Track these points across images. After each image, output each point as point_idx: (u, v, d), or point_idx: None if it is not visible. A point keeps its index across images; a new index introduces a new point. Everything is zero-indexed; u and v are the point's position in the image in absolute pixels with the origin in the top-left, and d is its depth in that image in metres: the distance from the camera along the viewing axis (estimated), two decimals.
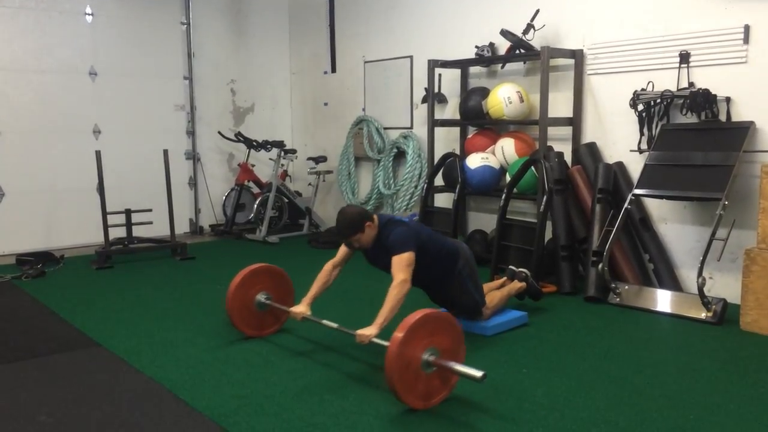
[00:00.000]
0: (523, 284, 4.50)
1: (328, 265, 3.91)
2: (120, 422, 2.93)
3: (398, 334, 2.91)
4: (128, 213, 6.52)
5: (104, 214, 6.29)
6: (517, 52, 5.70)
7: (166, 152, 6.68)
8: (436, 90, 6.50)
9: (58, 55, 6.96)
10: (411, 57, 7.05)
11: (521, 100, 5.66)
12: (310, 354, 3.80)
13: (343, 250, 3.89)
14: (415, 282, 3.70)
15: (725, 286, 4.72)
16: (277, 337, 4.10)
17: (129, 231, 6.54)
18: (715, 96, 4.64)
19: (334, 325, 3.65)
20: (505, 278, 4.60)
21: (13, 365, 3.66)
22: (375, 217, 3.76)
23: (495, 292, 4.32)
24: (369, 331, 3.36)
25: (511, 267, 4.65)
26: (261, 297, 4.05)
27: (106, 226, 6.28)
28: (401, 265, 3.54)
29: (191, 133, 8.00)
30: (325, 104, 8.30)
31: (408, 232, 3.67)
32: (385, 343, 3.05)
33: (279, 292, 4.13)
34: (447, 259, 3.93)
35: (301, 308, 3.80)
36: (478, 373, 2.91)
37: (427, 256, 3.73)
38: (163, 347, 3.92)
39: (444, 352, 3.03)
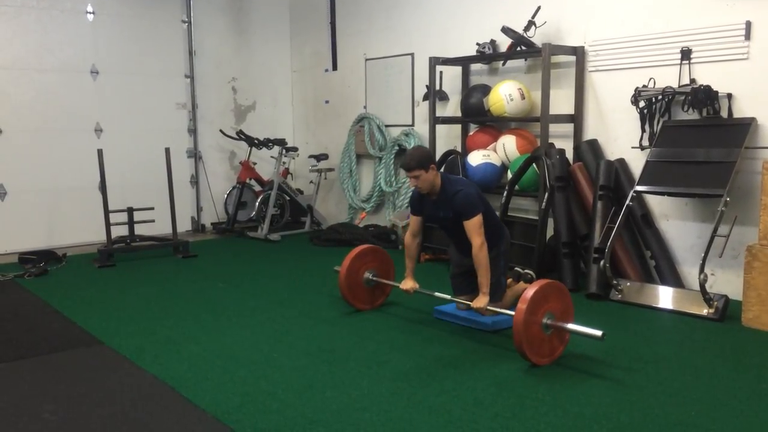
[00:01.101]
0: (528, 286, 4.51)
1: (408, 238, 4.30)
2: (123, 420, 2.94)
3: (522, 306, 3.39)
4: (130, 211, 6.53)
5: (106, 212, 6.30)
6: (519, 49, 5.69)
7: (167, 150, 6.68)
8: (438, 87, 6.50)
9: (59, 54, 6.97)
10: (412, 54, 7.04)
11: (522, 97, 5.66)
12: (312, 351, 3.81)
13: (414, 219, 4.27)
14: (459, 239, 4.02)
15: (727, 282, 4.72)
16: (280, 336, 4.10)
17: (131, 229, 6.55)
18: (716, 92, 4.63)
19: (446, 296, 4.11)
20: (510, 280, 4.60)
21: (16, 363, 3.67)
22: (436, 168, 4.05)
23: (506, 290, 4.37)
24: (482, 301, 3.84)
25: (516, 268, 4.66)
26: (368, 274, 4.54)
27: (108, 225, 6.29)
28: (475, 228, 3.91)
29: (193, 131, 8.00)
30: (327, 102, 8.30)
31: (476, 195, 4.00)
32: (505, 312, 3.77)
33: (382, 268, 4.64)
34: (495, 230, 4.15)
35: (410, 283, 4.26)
36: (597, 333, 3.39)
37: (487, 218, 4.01)
38: (166, 345, 3.93)
39: (558, 315, 3.53)
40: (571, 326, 3.53)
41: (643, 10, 5.12)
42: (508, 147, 5.82)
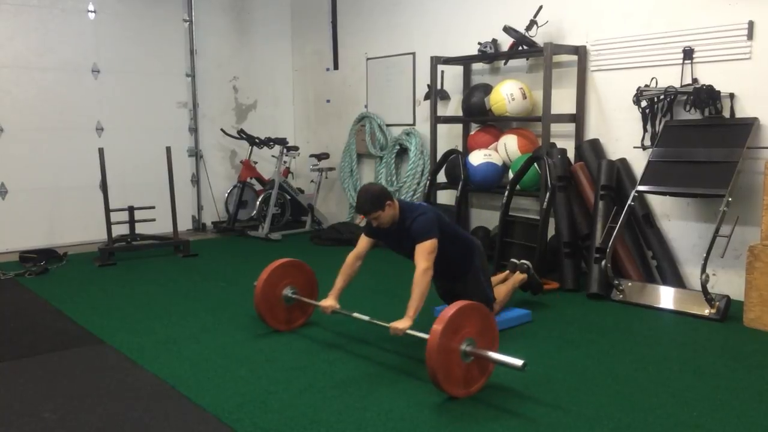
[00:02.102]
0: (525, 276, 4.50)
1: (351, 257, 3.92)
2: (124, 419, 2.93)
3: (437, 327, 2.99)
4: (131, 210, 6.53)
5: (107, 211, 6.30)
6: (520, 48, 5.68)
7: (168, 149, 6.68)
8: (439, 87, 6.48)
9: (60, 53, 6.96)
10: (413, 54, 7.04)
11: (524, 96, 5.65)
12: (313, 351, 3.80)
13: (363, 240, 3.93)
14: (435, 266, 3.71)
15: (728, 282, 4.71)
16: (280, 335, 4.10)
17: (132, 228, 6.55)
18: (718, 92, 4.62)
19: (366, 317, 3.70)
20: (507, 272, 4.59)
21: (16, 362, 3.66)
22: (395, 200, 3.77)
23: (500, 286, 4.33)
24: (402, 324, 3.40)
25: (513, 260, 4.65)
26: (288, 291, 4.11)
27: (108, 224, 6.29)
28: (424, 253, 3.58)
29: (194, 130, 8.00)
30: (328, 101, 8.30)
31: (431, 219, 3.70)
32: (420, 335, 3.24)
33: (305, 286, 4.20)
34: (464, 249, 3.98)
35: (330, 302, 3.83)
36: (518, 362, 2.99)
37: (445, 245, 3.76)
38: (167, 344, 3.93)
39: (480, 342, 3.13)
40: (491, 354, 3.10)
41: (645, 9, 5.11)
42: (509, 146, 5.82)
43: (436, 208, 3.98)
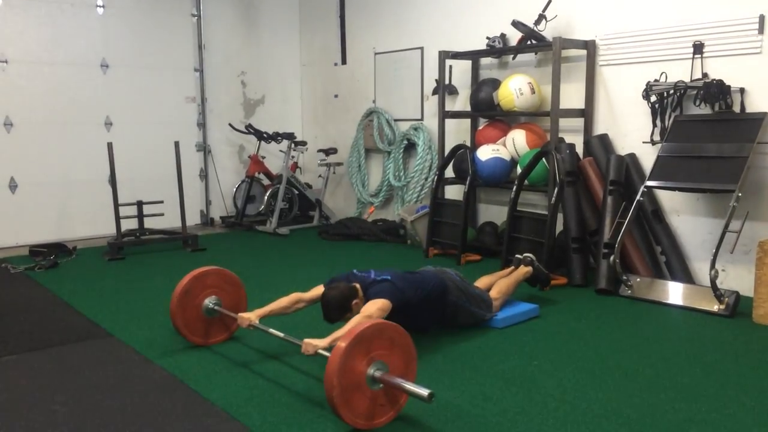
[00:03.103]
0: (530, 269, 4.49)
1: (295, 295, 3.68)
2: (132, 412, 2.95)
3: (342, 344, 2.64)
4: (140, 205, 6.55)
5: (116, 205, 6.32)
6: (529, 43, 5.67)
7: (177, 144, 6.69)
8: (447, 81, 6.48)
9: (69, 48, 6.99)
10: (422, 48, 7.02)
11: (532, 91, 5.63)
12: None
13: (316, 291, 3.65)
14: (417, 327, 3.60)
15: (738, 278, 4.69)
16: (288, 328, 4.10)
17: (141, 222, 6.58)
18: (729, 87, 4.60)
19: (281, 334, 3.37)
20: (512, 268, 4.58)
21: (26, 355, 3.69)
22: (359, 289, 3.53)
23: (503, 279, 4.31)
24: (317, 342, 3.06)
25: (517, 256, 4.64)
26: (209, 303, 3.74)
27: (118, 218, 6.32)
28: (375, 305, 3.34)
29: (202, 125, 8.02)
30: (336, 96, 8.29)
31: (389, 288, 3.49)
32: (327, 354, 2.85)
33: (230, 298, 3.83)
34: (436, 301, 3.80)
35: (250, 315, 3.53)
36: (424, 392, 2.60)
37: (416, 307, 3.62)
38: (175, 338, 3.94)
39: (394, 369, 2.77)
40: (398, 380, 2.70)
41: (655, 3, 5.08)
42: (517, 141, 5.80)
43: (400, 276, 3.70)
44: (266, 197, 7.78)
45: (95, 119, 7.22)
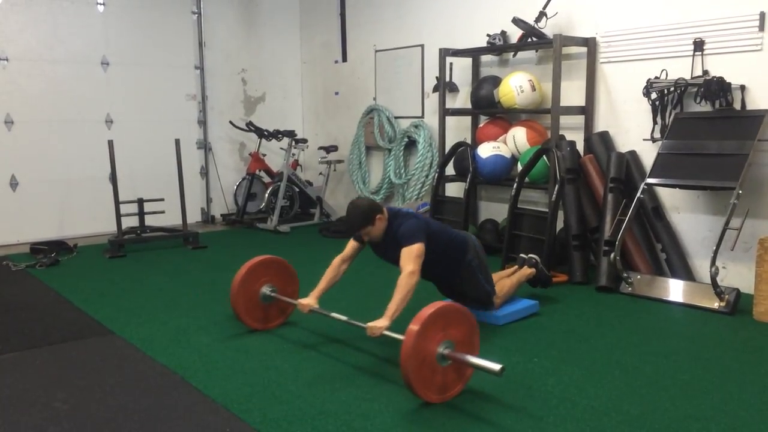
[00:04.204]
0: (533, 270, 4.50)
1: (337, 260, 3.84)
2: (133, 409, 2.96)
3: (413, 327, 2.85)
4: (140, 202, 6.56)
5: (117, 203, 6.33)
6: (529, 40, 5.66)
7: (177, 142, 6.70)
8: (448, 79, 6.47)
9: (70, 45, 6.99)
10: (422, 46, 7.02)
11: (533, 88, 5.63)
12: (322, 344, 3.82)
13: (351, 244, 3.84)
14: (426, 275, 3.70)
15: (738, 275, 4.70)
16: (289, 328, 4.11)
17: (141, 220, 6.59)
18: (729, 84, 4.59)
19: (343, 317, 3.57)
20: (515, 266, 4.59)
21: (27, 352, 3.70)
22: (385, 209, 3.72)
23: (505, 279, 4.32)
24: (380, 324, 3.29)
25: (521, 255, 4.65)
26: (266, 290, 3.99)
27: (118, 216, 6.32)
28: (410, 256, 3.49)
29: (203, 122, 8.02)
30: (336, 93, 8.29)
31: (417, 224, 3.63)
32: (397, 336, 3.05)
33: (284, 284, 4.07)
34: (456, 251, 3.90)
35: (309, 300, 3.74)
36: (496, 366, 2.84)
37: (436, 248, 3.70)
38: (176, 335, 3.95)
39: (459, 345, 2.98)
40: (470, 358, 2.95)
41: (655, 0, 5.07)
42: (518, 139, 5.80)
43: (425, 215, 3.87)
44: (267, 195, 7.78)
45: (96, 117, 7.22)
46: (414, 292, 3.43)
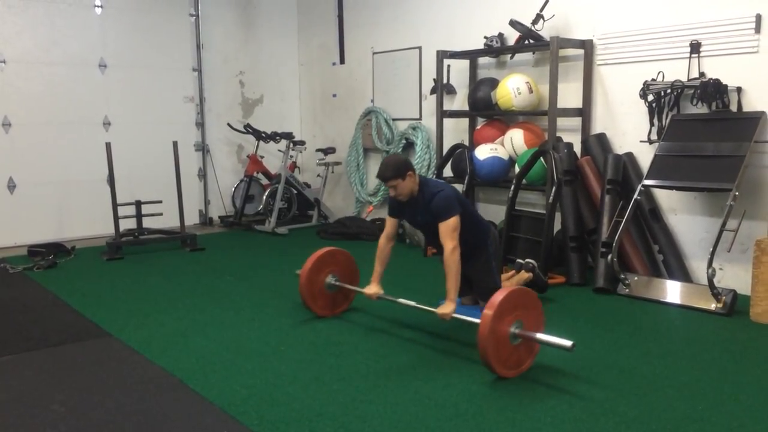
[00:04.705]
0: (530, 275, 4.51)
1: (382, 240, 4.06)
2: (131, 411, 2.96)
3: (488, 312, 3.15)
4: (138, 204, 6.55)
5: (114, 205, 6.33)
6: (527, 42, 5.67)
7: (175, 144, 6.70)
8: (445, 81, 6.48)
9: (67, 48, 6.99)
10: (420, 48, 7.03)
11: (530, 90, 5.64)
12: (320, 344, 3.82)
13: (390, 221, 4.07)
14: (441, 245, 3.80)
15: (735, 277, 4.70)
16: (287, 328, 4.12)
17: (139, 222, 6.57)
18: (726, 86, 4.61)
19: (411, 302, 3.84)
20: (513, 271, 4.60)
21: (25, 355, 3.69)
22: (416, 171, 3.88)
23: (505, 282, 4.33)
24: (448, 309, 3.60)
25: (518, 260, 4.66)
26: (330, 279, 4.28)
27: (116, 218, 6.32)
28: (449, 231, 3.70)
29: (200, 124, 8.02)
30: (334, 95, 8.30)
31: (453, 196, 3.82)
32: (470, 319, 3.48)
33: (346, 273, 4.38)
34: (480, 233, 4.04)
35: (374, 288, 3.99)
36: (567, 343, 3.15)
37: (463, 222, 3.81)
38: (174, 337, 3.95)
39: (527, 324, 3.29)
40: (540, 336, 3.26)
41: (652, 3, 5.09)
42: (515, 141, 5.81)
43: (453, 186, 4.08)
44: (265, 197, 7.78)
45: (93, 119, 7.22)
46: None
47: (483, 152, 5.89)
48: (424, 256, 6.12)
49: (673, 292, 4.64)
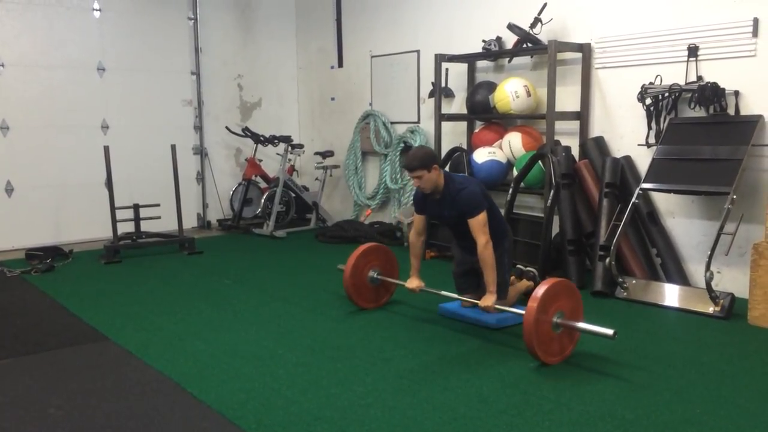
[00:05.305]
0: (531, 283, 4.53)
1: (413, 236, 4.27)
2: (128, 415, 2.95)
3: (533, 305, 3.36)
4: (136, 208, 6.54)
5: (112, 209, 6.32)
6: (525, 46, 5.68)
7: (173, 147, 6.69)
8: (443, 84, 6.49)
9: (66, 51, 6.99)
10: (418, 51, 7.04)
11: (528, 94, 5.65)
12: (317, 348, 3.81)
13: (418, 217, 4.23)
14: (464, 237, 3.96)
15: (733, 280, 4.71)
16: (285, 331, 4.11)
17: (137, 226, 6.56)
18: (723, 90, 4.61)
19: (453, 295, 4.09)
20: (513, 277, 4.60)
21: (22, 359, 3.69)
22: (439, 165, 4.01)
23: (509, 288, 4.35)
24: (490, 300, 3.82)
25: (519, 266, 4.66)
26: (373, 273, 4.49)
27: (114, 221, 6.31)
28: (480, 226, 3.87)
29: (199, 128, 8.01)
30: (332, 99, 8.30)
31: (479, 192, 3.97)
32: (514, 310, 3.82)
33: (387, 267, 4.59)
34: (500, 231, 4.13)
35: (416, 282, 4.21)
36: (609, 331, 3.35)
37: (488, 217, 3.94)
38: (172, 341, 3.94)
39: (568, 314, 3.51)
40: (581, 325, 3.50)
41: (650, 7, 5.10)
42: (513, 144, 5.82)
43: (478, 181, 4.23)
44: (263, 200, 7.77)
45: (92, 122, 7.21)
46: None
47: (481, 155, 5.89)
48: (423, 258, 6.11)
49: (671, 295, 4.64)
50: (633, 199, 4.73)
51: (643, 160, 5.08)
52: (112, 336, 4.03)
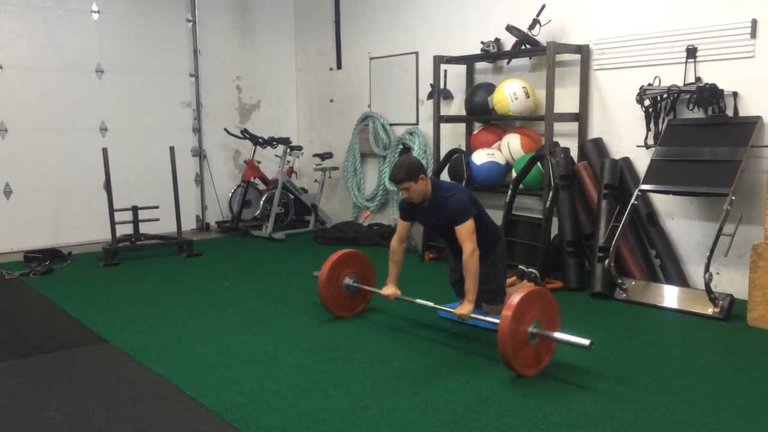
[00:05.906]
0: (532, 284, 4.51)
1: (395, 243, 4.12)
2: (127, 418, 2.95)
3: (506, 313, 3.25)
4: (135, 210, 6.54)
5: (111, 211, 6.31)
6: (523, 47, 5.68)
7: (172, 149, 6.69)
8: (442, 86, 6.49)
9: (64, 53, 6.98)
10: (416, 53, 7.04)
11: (527, 95, 5.65)
12: (316, 350, 3.81)
13: (402, 223, 4.12)
14: (455, 243, 3.86)
15: (732, 281, 4.71)
16: (284, 334, 4.11)
17: (136, 228, 6.56)
18: (722, 91, 4.62)
19: (429, 303, 3.95)
20: (514, 277, 4.60)
21: (21, 361, 3.68)
22: (427, 174, 3.93)
23: (508, 289, 4.33)
24: (466, 309, 3.72)
25: (521, 267, 4.65)
26: (348, 280, 4.36)
27: (113, 223, 6.31)
28: (466, 233, 3.78)
29: (197, 130, 8.01)
30: (331, 101, 8.30)
31: (467, 199, 3.89)
32: (489, 319, 3.68)
33: (363, 274, 4.45)
34: (491, 236, 4.08)
35: (392, 289, 4.08)
36: (585, 342, 3.24)
37: (476, 224, 3.87)
38: (170, 343, 3.94)
39: (545, 323, 3.39)
40: (557, 335, 3.37)
41: (648, 8, 5.10)
42: (512, 146, 5.81)
43: (466, 188, 4.15)
44: (262, 202, 7.77)
45: (90, 125, 7.21)
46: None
47: (480, 157, 5.89)
48: (421, 261, 6.12)
49: (670, 296, 4.64)
50: (632, 201, 4.73)
51: (641, 162, 5.09)
52: (110, 338, 4.03)
